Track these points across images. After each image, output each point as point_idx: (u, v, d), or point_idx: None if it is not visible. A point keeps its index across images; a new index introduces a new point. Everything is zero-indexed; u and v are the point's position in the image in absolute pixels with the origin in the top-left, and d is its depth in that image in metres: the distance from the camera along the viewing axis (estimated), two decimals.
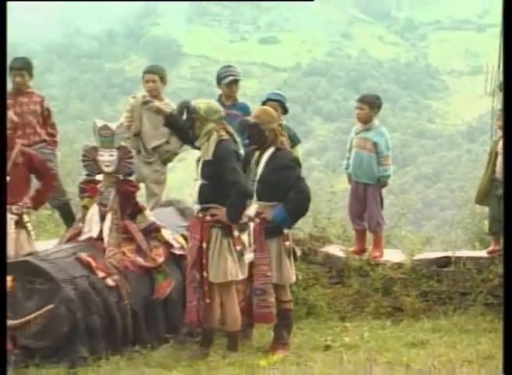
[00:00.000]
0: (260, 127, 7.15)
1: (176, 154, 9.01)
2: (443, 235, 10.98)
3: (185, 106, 7.03)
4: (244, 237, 7.00)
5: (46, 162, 8.02)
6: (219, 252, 6.88)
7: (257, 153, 7.21)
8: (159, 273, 7.38)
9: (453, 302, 8.30)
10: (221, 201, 6.85)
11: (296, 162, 7.20)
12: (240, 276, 6.97)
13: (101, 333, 6.93)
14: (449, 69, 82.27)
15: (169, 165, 9.12)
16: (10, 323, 6.51)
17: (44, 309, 6.63)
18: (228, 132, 6.98)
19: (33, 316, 6.61)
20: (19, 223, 7.58)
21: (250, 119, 7.26)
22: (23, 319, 6.60)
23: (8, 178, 7.51)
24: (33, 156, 7.76)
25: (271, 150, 7.16)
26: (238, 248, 6.93)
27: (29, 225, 7.67)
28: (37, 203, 7.87)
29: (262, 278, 7.08)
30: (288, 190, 7.07)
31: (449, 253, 8.58)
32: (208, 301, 6.93)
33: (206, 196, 6.91)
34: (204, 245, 6.90)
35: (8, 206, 7.49)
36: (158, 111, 8.25)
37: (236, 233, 6.92)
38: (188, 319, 7.03)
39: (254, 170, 7.14)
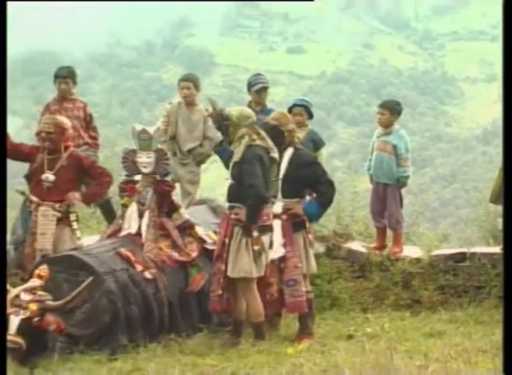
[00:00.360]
0: (280, 129, 7.16)
1: (208, 156, 9.03)
2: (459, 232, 10.88)
3: (219, 113, 7.05)
4: (265, 239, 6.93)
5: (95, 163, 8.06)
6: (237, 249, 6.85)
7: None
8: (193, 267, 7.38)
9: (469, 295, 8.24)
10: (244, 201, 6.84)
11: (317, 160, 7.30)
12: (255, 275, 6.90)
13: (140, 323, 6.95)
14: (465, 77, 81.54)
15: (203, 166, 9.15)
16: (52, 304, 6.50)
17: (82, 286, 6.60)
18: (261, 137, 6.95)
19: (72, 295, 6.57)
20: (63, 221, 7.60)
21: (271, 121, 7.24)
22: (62, 300, 6.55)
23: (53, 177, 7.59)
24: (83, 159, 7.79)
25: (290, 150, 7.18)
26: (256, 247, 6.83)
27: (74, 224, 7.67)
28: (90, 198, 7.87)
29: (294, 269, 7.10)
30: (313, 185, 7.11)
31: (464, 249, 8.52)
32: (220, 292, 6.91)
33: (233, 195, 6.92)
34: (227, 240, 6.91)
35: (51, 203, 7.55)
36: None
37: (255, 233, 6.84)
38: (211, 307, 7.04)
39: (275, 170, 7.13)
